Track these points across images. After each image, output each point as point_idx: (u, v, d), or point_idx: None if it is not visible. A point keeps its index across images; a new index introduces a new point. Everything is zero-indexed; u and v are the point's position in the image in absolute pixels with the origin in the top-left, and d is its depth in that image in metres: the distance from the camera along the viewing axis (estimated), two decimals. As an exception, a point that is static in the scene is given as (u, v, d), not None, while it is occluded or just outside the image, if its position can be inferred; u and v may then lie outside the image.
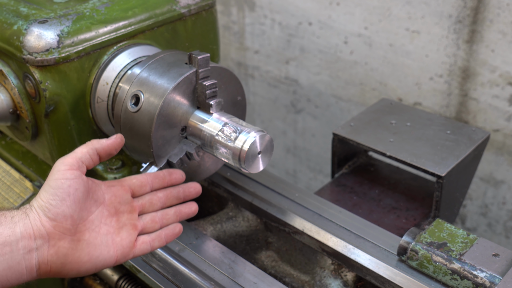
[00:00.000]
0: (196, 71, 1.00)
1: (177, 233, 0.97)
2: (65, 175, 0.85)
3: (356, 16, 1.74)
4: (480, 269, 0.94)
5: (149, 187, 0.98)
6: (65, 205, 0.84)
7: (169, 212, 0.98)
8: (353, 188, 1.38)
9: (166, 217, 0.97)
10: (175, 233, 0.97)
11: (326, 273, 1.13)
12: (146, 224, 0.95)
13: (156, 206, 0.97)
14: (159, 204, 0.98)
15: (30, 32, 1.07)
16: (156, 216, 0.96)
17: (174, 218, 0.98)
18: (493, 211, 1.73)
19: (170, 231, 0.96)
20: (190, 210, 1.00)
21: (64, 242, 0.84)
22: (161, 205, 0.98)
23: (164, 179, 1.00)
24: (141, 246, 0.93)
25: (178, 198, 1.00)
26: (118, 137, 0.94)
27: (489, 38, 1.51)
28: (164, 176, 1.00)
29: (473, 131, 1.32)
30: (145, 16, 1.18)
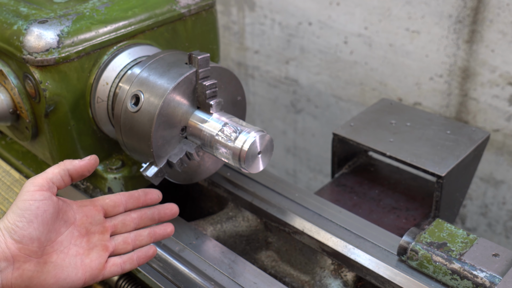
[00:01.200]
0: (196, 71, 1.00)
1: (151, 256, 0.95)
2: (34, 196, 0.83)
3: (356, 16, 1.74)
4: (480, 269, 0.94)
5: (122, 207, 0.95)
6: (32, 227, 0.82)
7: (142, 233, 0.95)
8: (353, 188, 1.38)
9: (139, 238, 0.94)
10: (148, 255, 0.94)
11: (326, 273, 1.13)
12: (118, 245, 0.92)
13: (129, 227, 0.95)
14: (133, 225, 0.95)
15: (30, 32, 1.07)
16: (128, 237, 0.94)
17: (147, 240, 0.95)
18: (493, 211, 1.73)
19: (143, 253, 0.94)
20: (165, 231, 0.97)
21: (29, 265, 0.82)
22: (134, 226, 0.95)
23: (139, 199, 0.97)
24: (111, 268, 0.90)
25: (152, 219, 0.97)
26: (92, 159, 0.92)
27: (489, 38, 1.51)
28: (139, 196, 0.97)
29: (473, 131, 1.32)
30: (145, 16, 1.18)
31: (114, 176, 1.21)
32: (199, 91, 1.01)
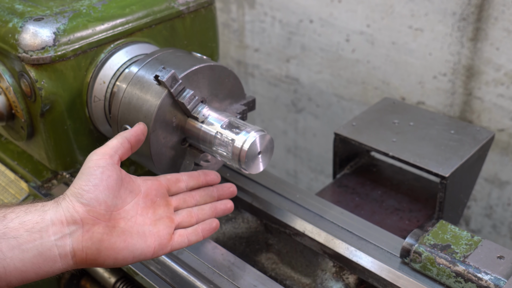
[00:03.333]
0: (169, 92, 0.99)
1: (214, 228, 0.98)
2: (98, 163, 0.87)
3: (358, 13, 1.74)
4: (485, 272, 0.94)
5: (184, 185, 0.99)
6: (98, 190, 0.85)
7: (204, 208, 0.99)
8: (355, 189, 1.38)
9: (202, 212, 0.98)
10: (212, 227, 0.98)
11: (328, 275, 1.13)
12: (182, 218, 0.96)
13: (190, 203, 0.99)
14: (193, 202, 0.99)
15: (26, 30, 1.07)
16: (192, 211, 0.97)
17: (210, 213, 0.99)
18: (498, 212, 1.73)
19: (207, 225, 0.97)
20: (226, 206, 1.01)
21: (98, 228, 0.84)
22: (195, 203, 0.99)
23: (199, 178, 1.02)
24: (179, 239, 0.93)
25: (212, 197, 1.01)
26: (141, 124, 0.97)
27: (494, 36, 1.51)
28: (199, 175, 1.02)
29: (477, 130, 1.32)
30: (143, 14, 1.18)
31: (111, 176, 1.20)
32: (181, 107, 1.02)
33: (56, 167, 1.19)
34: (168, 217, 0.94)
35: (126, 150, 0.93)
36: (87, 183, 0.85)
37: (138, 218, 0.90)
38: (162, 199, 0.95)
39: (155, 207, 0.93)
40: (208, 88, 1.06)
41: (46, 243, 0.81)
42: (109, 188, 0.87)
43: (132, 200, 0.91)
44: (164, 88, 0.99)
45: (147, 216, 0.91)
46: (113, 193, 0.87)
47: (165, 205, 0.95)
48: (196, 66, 1.03)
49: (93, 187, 0.85)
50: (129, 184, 0.91)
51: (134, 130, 0.95)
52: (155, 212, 0.93)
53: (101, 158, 0.88)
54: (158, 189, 0.95)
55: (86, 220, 0.84)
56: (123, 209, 0.89)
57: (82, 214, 0.84)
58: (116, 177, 0.88)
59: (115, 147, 0.91)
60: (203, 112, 1.02)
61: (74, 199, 0.85)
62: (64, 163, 1.18)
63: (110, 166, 0.88)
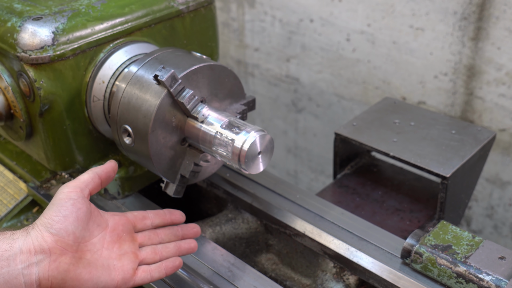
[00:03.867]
0: (168, 92, 1.00)
1: (178, 266, 0.99)
2: (69, 195, 0.90)
3: (359, 12, 1.74)
4: (486, 272, 0.94)
5: (150, 222, 1.02)
6: (68, 221, 0.87)
7: (169, 246, 1.01)
8: (356, 189, 1.38)
9: (166, 250, 1.00)
10: (175, 265, 0.99)
11: (328, 276, 1.13)
12: (147, 255, 0.97)
13: (155, 240, 1.01)
14: (158, 239, 1.01)
15: (24, 29, 1.07)
16: (156, 248, 0.99)
17: (174, 251, 1.00)
18: (499, 212, 1.73)
19: (170, 263, 0.98)
20: (189, 246, 1.02)
21: (65, 258, 0.86)
22: (159, 240, 1.01)
23: (165, 216, 1.04)
24: (142, 274, 0.95)
25: (176, 236, 1.03)
26: (112, 162, 0.99)
27: (495, 36, 1.51)
28: (164, 214, 1.04)
29: (478, 130, 1.32)
30: (142, 13, 1.18)
31: (110, 177, 1.21)
32: (181, 107, 1.02)
33: (55, 167, 1.19)
34: (133, 252, 0.95)
35: (96, 185, 0.95)
36: (57, 214, 0.88)
37: (103, 252, 0.92)
38: (128, 235, 0.97)
39: (121, 242, 0.95)
40: (207, 88, 1.06)
41: (12, 271, 0.83)
42: (78, 220, 0.89)
43: (99, 233, 0.93)
44: (164, 87, 0.99)
45: (113, 250, 0.93)
46: (82, 225, 0.89)
47: (131, 240, 0.97)
48: (195, 66, 1.03)
49: (63, 218, 0.87)
50: (97, 218, 0.93)
51: (105, 166, 0.98)
52: (121, 247, 0.95)
53: (72, 190, 0.91)
54: (124, 224, 0.97)
55: (54, 250, 0.86)
56: (90, 241, 0.91)
57: (50, 243, 0.86)
58: (86, 210, 0.90)
59: (86, 182, 0.94)
60: (202, 112, 1.02)
61: (44, 229, 0.86)
62: (63, 163, 1.18)
63: (81, 199, 0.90)
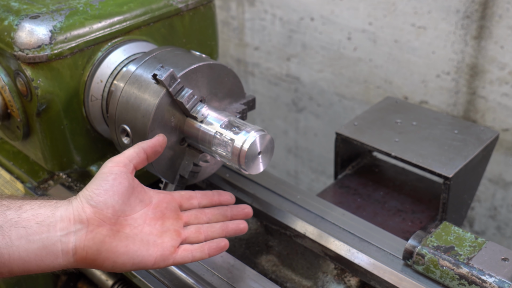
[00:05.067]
0: (167, 91, 1.00)
1: (222, 248, 0.98)
2: (112, 170, 0.92)
3: (360, 11, 1.74)
4: (489, 274, 0.94)
5: (197, 202, 1.01)
6: (107, 194, 0.89)
7: (215, 226, 1.00)
8: (357, 189, 1.38)
9: (212, 229, 0.99)
10: (219, 247, 0.98)
11: (329, 278, 1.13)
12: (190, 234, 0.97)
13: (201, 220, 1.00)
14: (205, 219, 1.00)
15: (22, 28, 1.07)
16: (201, 227, 0.99)
17: (219, 232, 1.00)
18: (502, 213, 1.73)
19: (214, 244, 0.98)
20: (238, 227, 1.01)
21: (102, 230, 0.88)
22: (206, 220, 1.01)
23: (213, 198, 1.04)
24: (183, 253, 0.94)
25: (225, 216, 1.02)
26: (161, 136, 1.00)
27: (498, 34, 1.51)
28: (213, 195, 1.04)
29: (481, 130, 1.32)
30: (141, 11, 1.18)
31: (108, 177, 1.21)
32: (180, 107, 1.02)
33: (52, 168, 1.19)
34: (175, 230, 0.95)
35: (141, 160, 0.96)
36: (98, 187, 0.90)
37: (144, 227, 0.93)
38: (172, 213, 0.97)
39: (164, 219, 0.96)
40: (207, 87, 1.06)
41: (52, 237, 0.86)
42: (119, 194, 0.90)
43: (142, 209, 0.94)
44: (163, 87, 0.99)
45: (154, 227, 0.94)
46: (122, 200, 0.91)
47: (175, 218, 0.97)
48: (195, 65, 1.03)
49: (103, 191, 0.89)
50: (140, 194, 0.94)
51: (153, 141, 0.98)
52: (163, 224, 0.95)
53: (115, 165, 0.92)
54: (169, 202, 0.98)
55: (92, 221, 0.88)
56: (131, 216, 0.92)
57: (89, 214, 0.88)
58: (128, 185, 0.92)
59: (131, 157, 0.95)
60: (202, 112, 1.02)
61: (84, 200, 0.89)
62: (60, 164, 1.18)
63: (123, 174, 0.92)
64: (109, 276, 1.21)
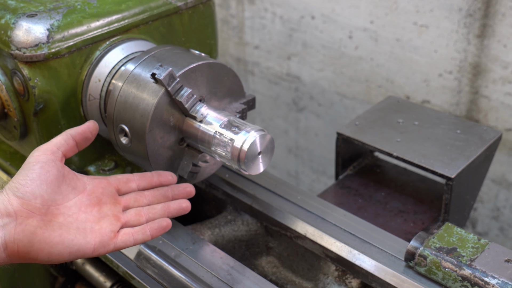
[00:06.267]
0: (166, 90, 1.00)
1: (164, 227, 0.96)
2: (38, 158, 0.90)
3: (361, 9, 1.74)
4: (492, 276, 0.94)
5: (135, 185, 0.99)
6: (34, 184, 0.87)
7: (156, 207, 0.98)
8: (358, 190, 1.38)
9: (153, 211, 0.97)
10: (161, 226, 0.96)
11: (330, 279, 1.13)
12: (130, 217, 0.95)
13: (141, 202, 0.98)
14: (145, 201, 0.98)
15: (19, 27, 1.07)
16: (141, 210, 0.97)
17: (161, 213, 0.98)
18: (505, 214, 1.73)
19: (156, 224, 0.96)
20: (180, 206, 1.00)
21: (32, 220, 0.86)
22: (147, 203, 0.99)
23: (152, 179, 1.01)
24: (124, 237, 0.93)
25: (166, 197, 1.00)
26: (91, 122, 0.98)
27: (501, 33, 1.51)
28: (152, 176, 1.01)
29: (484, 130, 1.32)
30: (139, 10, 1.18)
31: (106, 177, 1.21)
32: (179, 106, 1.02)
33: (50, 168, 1.19)
34: (114, 215, 0.94)
35: (70, 147, 0.95)
36: (24, 178, 0.88)
37: (80, 215, 0.91)
38: (109, 198, 0.95)
39: (101, 205, 0.94)
40: (206, 87, 1.06)
41: None
42: (47, 183, 0.88)
43: (75, 197, 0.92)
44: (161, 86, 1.00)
45: (91, 214, 0.92)
46: (51, 188, 0.89)
47: (113, 203, 0.95)
48: (194, 64, 1.03)
49: (30, 181, 0.88)
50: (72, 181, 0.92)
51: (82, 127, 0.97)
52: (100, 210, 0.93)
53: (42, 154, 0.91)
54: (105, 187, 0.96)
55: (20, 213, 0.86)
56: (64, 205, 0.90)
57: (16, 207, 0.86)
58: (57, 173, 0.90)
59: (58, 144, 0.93)
60: (201, 111, 1.02)
61: (10, 193, 0.87)
62: (58, 164, 1.18)
63: (51, 162, 0.90)
64: (107, 277, 1.21)
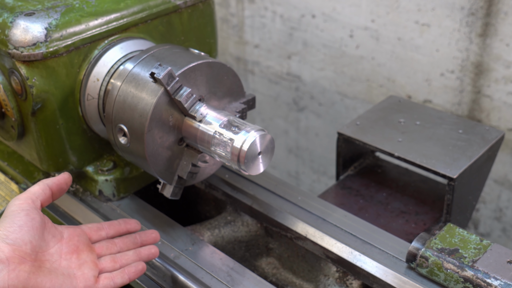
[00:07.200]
0: (165, 90, 1.00)
1: (141, 270, 1.00)
2: (21, 206, 0.91)
3: (363, 8, 1.74)
4: (494, 277, 0.94)
5: (105, 233, 1.03)
6: (23, 230, 0.89)
7: (128, 253, 1.02)
8: (359, 190, 1.38)
9: (125, 257, 1.01)
10: (138, 269, 1.00)
11: (331, 281, 1.13)
12: (106, 264, 0.99)
13: (113, 250, 1.02)
14: (116, 248, 1.02)
15: (16, 25, 1.07)
16: (115, 256, 1.01)
17: (134, 258, 1.02)
18: (508, 215, 1.73)
19: (133, 268, 1.00)
20: (150, 251, 1.03)
21: (24, 266, 0.87)
22: (118, 250, 1.02)
23: (120, 226, 1.05)
24: (105, 281, 0.96)
25: (135, 243, 1.04)
26: (66, 174, 1.01)
27: (504, 32, 1.51)
28: (119, 224, 1.06)
29: (486, 130, 1.32)
30: (138, 8, 1.18)
31: (105, 178, 1.21)
32: (178, 106, 1.02)
33: (47, 168, 1.19)
34: (92, 261, 0.97)
35: (47, 197, 0.97)
36: (11, 225, 0.89)
37: (62, 262, 0.94)
38: (85, 245, 0.98)
39: (79, 252, 0.97)
40: (206, 86, 1.06)
41: None
42: (34, 229, 0.90)
43: (55, 244, 0.94)
44: (160, 86, 1.00)
45: (71, 260, 0.95)
46: (38, 235, 0.91)
47: (89, 250, 0.98)
48: (193, 63, 1.03)
49: (18, 228, 0.89)
50: (51, 229, 0.95)
51: (58, 178, 0.99)
52: (79, 257, 0.96)
53: (23, 202, 0.92)
54: (80, 235, 0.99)
55: (12, 259, 0.87)
56: (47, 251, 0.92)
57: (7, 253, 0.87)
58: (40, 220, 0.92)
59: (37, 193, 0.95)
60: (201, 111, 1.02)
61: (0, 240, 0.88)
62: (56, 164, 1.18)
63: (33, 210, 0.92)
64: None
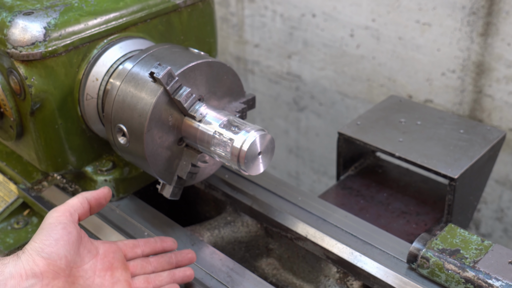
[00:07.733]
0: (165, 90, 0.99)
1: None
2: (59, 219, 0.91)
3: (363, 7, 1.74)
4: (496, 278, 0.94)
5: (140, 250, 1.02)
6: (59, 244, 0.88)
7: (162, 275, 1.01)
8: (360, 191, 1.38)
9: (159, 278, 1.00)
10: None
11: (331, 281, 1.13)
12: (140, 285, 0.97)
13: (147, 269, 1.01)
14: (151, 268, 1.01)
15: (15, 25, 1.07)
16: (149, 277, 0.99)
17: (168, 281, 1.00)
18: (509, 215, 1.73)
19: None
20: (185, 274, 1.02)
21: (58, 282, 0.87)
22: (152, 269, 1.01)
23: (156, 245, 1.04)
24: None
25: (170, 263, 1.03)
26: (106, 188, 1.00)
27: (505, 31, 1.51)
28: (155, 242, 1.04)
29: (488, 130, 1.32)
30: (138, 8, 1.18)
31: (104, 178, 1.21)
32: (178, 106, 1.02)
33: (46, 168, 1.19)
34: (125, 280, 0.96)
35: (85, 211, 0.96)
36: (48, 238, 0.88)
37: (95, 279, 0.92)
38: (119, 263, 0.97)
39: (113, 269, 0.95)
40: (206, 86, 1.06)
41: None
42: (69, 244, 0.89)
43: (90, 260, 0.93)
44: (160, 85, 0.99)
45: (105, 278, 0.93)
46: (73, 249, 0.90)
47: (123, 268, 0.97)
48: (193, 63, 1.03)
49: (54, 242, 0.88)
50: (87, 244, 0.94)
51: (97, 192, 0.99)
52: (113, 275, 0.95)
53: (61, 215, 0.92)
54: (115, 252, 0.97)
55: (46, 274, 0.86)
56: (82, 267, 0.91)
57: (42, 267, 0.86)
58: (76, 235, 0.91)
59: (75, 206, 0.94)
60: (200, 111, 1.02)
61: (35, 253, 0.87)
62: (55, 164, 1.18)
63: (71, 223, 0.91)
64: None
